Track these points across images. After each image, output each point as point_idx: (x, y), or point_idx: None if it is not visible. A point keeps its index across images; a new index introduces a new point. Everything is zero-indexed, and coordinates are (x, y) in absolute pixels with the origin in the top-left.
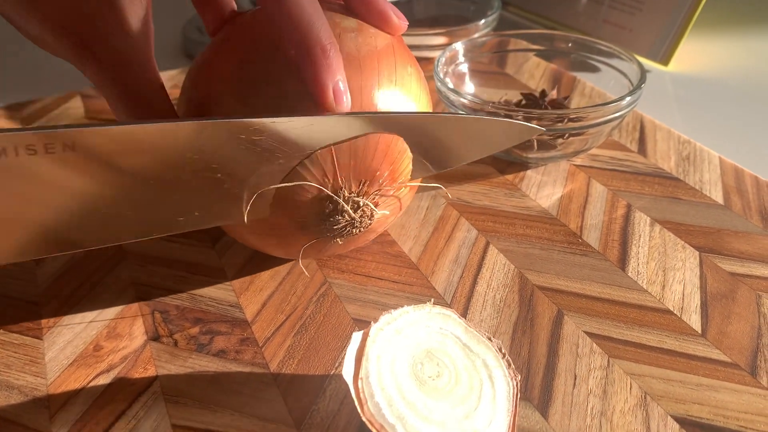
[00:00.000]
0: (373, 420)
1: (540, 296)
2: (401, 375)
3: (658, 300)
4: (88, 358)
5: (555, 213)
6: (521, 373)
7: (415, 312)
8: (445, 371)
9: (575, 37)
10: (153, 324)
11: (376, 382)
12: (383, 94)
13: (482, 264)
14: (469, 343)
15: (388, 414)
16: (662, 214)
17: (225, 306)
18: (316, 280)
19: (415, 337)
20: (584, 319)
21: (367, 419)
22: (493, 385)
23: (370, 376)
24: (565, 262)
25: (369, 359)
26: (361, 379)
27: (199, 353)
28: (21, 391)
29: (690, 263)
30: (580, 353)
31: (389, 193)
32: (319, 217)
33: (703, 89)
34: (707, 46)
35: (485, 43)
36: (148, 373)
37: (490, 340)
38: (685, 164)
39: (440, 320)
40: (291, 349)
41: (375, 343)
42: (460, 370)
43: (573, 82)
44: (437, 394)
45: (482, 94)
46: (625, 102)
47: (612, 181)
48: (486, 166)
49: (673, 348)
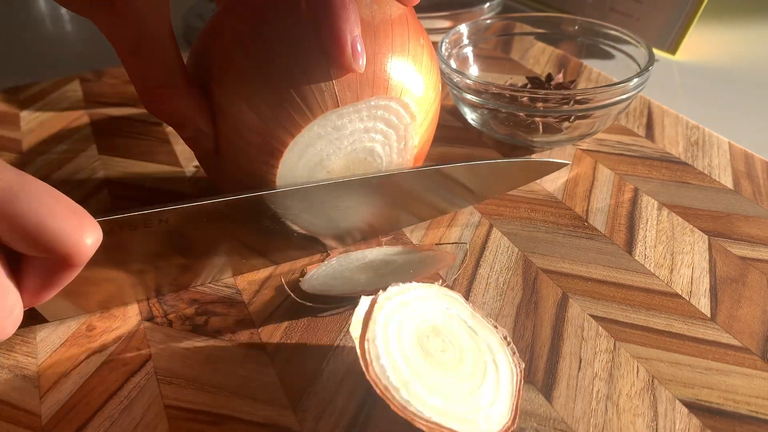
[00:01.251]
0: (377, 381)
1: (544, 279)
2: (407, 343)
3: (666, 284)
4: (80, 338)
5: (560, 197)
6: (524, 356)
7: (423, 289)
8: (450, 348)
9: (581, 20)
10: (147, 305)
11: (382, 345)
12: (396, 63)
13: (485, 247)
14: (475, 327)
15: (392, 377)
16: (670, 198)
17: (221, 287)
18: (315, 261)
19: (422, 312)
20: (590, 302)
21: (372, 379)
22: (497, 368)
23: (376, 339)
24: (570, 246)
25: (376, 323)
26: (368, 340)
27: (194, 334)
28: (11, 370)
29: (699, 247)
30: (586, 336)
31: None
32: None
33: (711, 78)
34: (714, 35)
35: (490, 26)
36: (141, 354)
37: (496, 327)
38: (694, 149)
39: (447, 301)
40: (288, 330)
41: (383, 310)
42: (465, 349)
43: (579, 68)
44: (442, 368)
45: (486, 79)
46: (632, 84)
47: (619, 165)
48: (490, 150)
49: (682, 332)
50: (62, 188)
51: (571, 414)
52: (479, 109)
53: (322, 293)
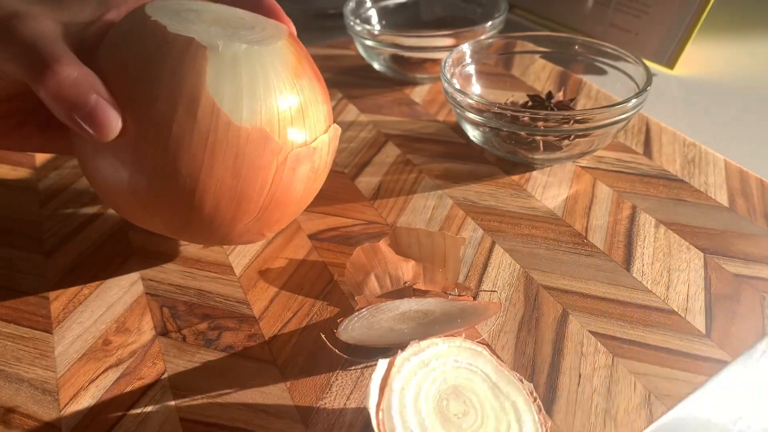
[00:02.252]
0: None
1: (545, 296)
2: (425, 410)
3: (663, 300)
4: (97, 352)
5: (560, 214)
6: (526, 372)
7: (444, 344)
8: (472, 410)
9: (582, 39)
10: (162, 319)
11: (397, 416)
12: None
13: (488, 263)
14: (499, 383)
15: None
16: (667, 216)
17: (233, 302)
18: (323, 278)
19: (442, 371)
20: (589, 318)
21: None
22: (521, 430)
23: (392, 409)
24: (570, 262)
25: (392, 390)
26: (382, 410)
27: (207, 348)
28: (31, 383)
29: (695, 264)
30: (585, 352)
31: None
32: None
33: (709, 92)
34: (713, 50)
35: (492, 44)
36: (156, 368)
37: (522, 382)
38: (691, 167)
39: (470, 356)
40: (298, 345)
41: (400, 374)
42: (487, 410)
43: (579, 85)
44: None
45: (489, 96)
46: (630, 104)
47: (617, 182)
48: (492, 166)
49: (678, 348)
50: (77, 201)
51: (571, 428)
52: (481, 128)
53: (365, 344)
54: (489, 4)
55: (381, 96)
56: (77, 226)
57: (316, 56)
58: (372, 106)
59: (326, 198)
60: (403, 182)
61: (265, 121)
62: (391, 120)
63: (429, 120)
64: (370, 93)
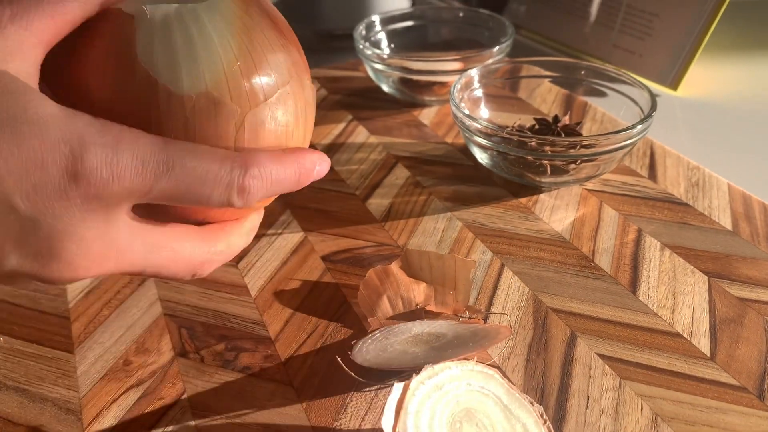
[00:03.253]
0: None
1: (554, 318)
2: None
3: (668, 323)
4: (118, 373)
5: (568, 236)
6: (536, 394)
7: (457, 368)
8: None
9: (587, 64)
10: (180, 340)
11: None
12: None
13: (497, 286)
14: (510, 406)
15: None
16: (672, 239)
17: (249, 323)
18: (336, 300)
19: (455, 394)
20: (596, 341)
21: None
22: None
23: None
24: (577, 285)
25: (408, 413)
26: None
27: (225, 369)
28: (55, 403)
29: (699, 288)
30: (593, 374)
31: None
32: None
33: (712, 114)
34: (716, 71)
35: (498, 69)
36: (176, 388)
37: (532, 404)
38: (695, 190)
39: (482, 379)
40: (313, 366)
41: (414, 397)
42: None
43: (584, 108)
44: None
45: (496, 119)
46: (636, 130)
47: (623, 205)
48: (500, 189)
49: (683, 371)
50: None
51: None
52: (489, 151)
53: (379, 367)
54: (496, 28)
55: (390, 118)
56: None
57: (325, 77)
58: (381, 127)
59: (338, 219)
60: (413, 204)
61: (211, 85)
62: (401, 142)
63: (437, 142)
64: (379, 115)
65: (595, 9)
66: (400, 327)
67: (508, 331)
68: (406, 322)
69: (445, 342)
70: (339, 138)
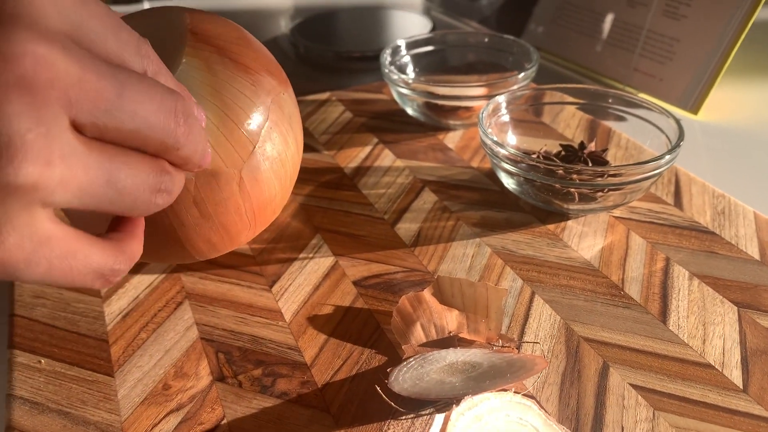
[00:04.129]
0: None
1: (586, 348)
2: None
3: (700, 354)
4: (158, 397)
5: (597, 264)
6: (570, 424)
7: (497, 399)
8: None
9: (614, 92)
10: (217, 364)
11: None
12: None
13: (528, 314)
14: None
15: None
16: (700, 269)
17: (284, 348)
18: (370, 325)
19: (495, 426)
20: (629, 371)
21: None
22: None
23: None
24: (608, 314)
25: None
26: None
27: (263, 395)
28: (97, 426)
29: (729, 318)
30: (627, 405)
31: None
32: None
33: (733, 139)
34: (736, 95)
35: (522, 96)
36: (216, 414)
37: None
38: (721, 218)
39: (520, 410)
40: (350, 393)
41: (455, 428)
42: None
43: (609, 133)
44: None
45: (522, 144)
46: (664, 160)
47: (650, 233)
48: (527, 215)
49: (716, 402)
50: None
51: None
52: (517, 177)
53: (418, 397)
54: (520, 53)
55: (415, 141)
56: (132, 269)
57: (349, 100)
58: (407, 151)
59: (368, 244)
60: (441, 229)
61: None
62: (426, 166)
63: (463, 166)
64: (404, 138)
65: (615, 33)
66: (434, 355)
67: (545, 362)
68: (440, 349)
69: (481, 372)
70: (366, 161)
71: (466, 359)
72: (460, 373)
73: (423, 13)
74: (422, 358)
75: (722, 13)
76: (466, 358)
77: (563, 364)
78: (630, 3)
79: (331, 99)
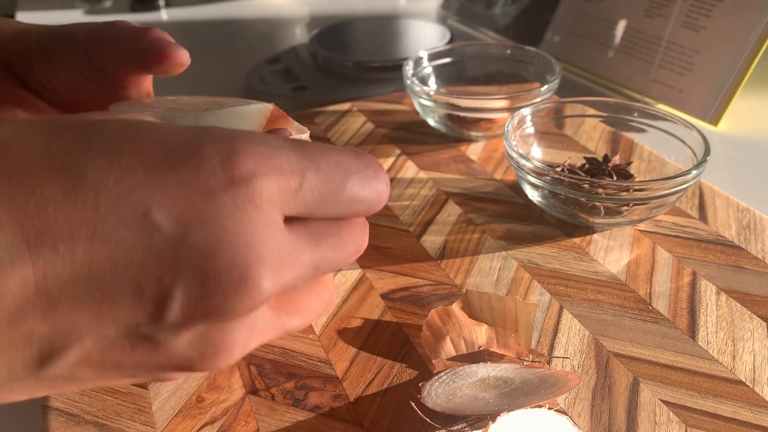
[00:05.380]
0: None
1: (616, 363)
2: None
3: (730, 370)
4: (191, 409)
5: (624, 278)
6: None
7: (532, 416)
8: None
9: (639, 106)
10: (250, 377)
11: None
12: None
13: (557, 329)
14: None
15: None
16: (727, 284)
17: (315, 362)
18: (399, 339)
19: None
20: (659, 387)
21: None
22: None
23: None
24: (637, 329)
25: None
26: None
27: (295, 408)
28: None
29: (758, 334)
30: (658, 421)
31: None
32: None
33: (754, 150)
34: (757, 106)
35: (545, 108)
36: (250, 427)
37: None
38: (746, 232)
39: (555, 426)
40: (382, 407)
41: None
42: None
43: (631, 146)
44: None
45: (546, 156)
46: (691, 175)
47: (676, 247)
48: (553, 228)
49: (748, 420)
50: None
51: None
52: (542, 190)
53: (452, 412)
54: (541, 65)
55: (438, 153)
56: None
57: (371, 110)
58: (429, 163)
59: (395, 257)
60: (467, 242)
61: None
62: (450, 177)
63: (486, 178)
64: (426, 150)
65: (633, 43)
66: (465, 370)
67: (578, 379)
68: (471, 364)
69: (514, 388)
70: (389, 172)
71: (497, 374)
72: (492, 388)
73: (439, 22)
74: (453, 372)
75: (743, 23)
76: (498, 373)
77: (594, 379)
78: (648, 14)
79: (353, 109)
